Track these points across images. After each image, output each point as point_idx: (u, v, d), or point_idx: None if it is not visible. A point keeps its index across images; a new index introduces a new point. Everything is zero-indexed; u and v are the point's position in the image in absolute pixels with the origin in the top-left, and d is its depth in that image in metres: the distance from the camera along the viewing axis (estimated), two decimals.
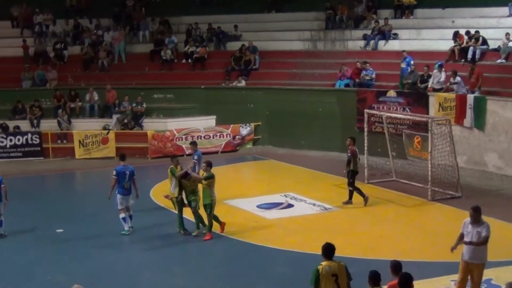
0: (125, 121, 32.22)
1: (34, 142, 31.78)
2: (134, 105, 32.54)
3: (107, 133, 31.50)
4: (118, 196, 19.02)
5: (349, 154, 21.52)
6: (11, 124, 32.49)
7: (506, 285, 10.19)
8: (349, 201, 21.86)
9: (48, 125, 32.62)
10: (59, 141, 32.05)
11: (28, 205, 22.95)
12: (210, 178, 18.44)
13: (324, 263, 10.52)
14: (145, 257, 17.81)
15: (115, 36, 36.34)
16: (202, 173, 18.91)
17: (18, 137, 31.74)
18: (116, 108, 32.75)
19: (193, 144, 22.41)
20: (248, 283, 15.41)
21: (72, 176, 29.06)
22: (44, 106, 33.50)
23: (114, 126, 32.19)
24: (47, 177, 28.94)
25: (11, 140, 31.72)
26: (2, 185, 18.93)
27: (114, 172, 19.22)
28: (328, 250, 10.72)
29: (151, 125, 32.19)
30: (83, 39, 36.68)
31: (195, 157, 21.53)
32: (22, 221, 20.41)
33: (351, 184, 21.68)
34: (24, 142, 31.71)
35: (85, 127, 32.44)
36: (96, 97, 33.39)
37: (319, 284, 10.49)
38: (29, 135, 31.86)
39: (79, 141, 31.43)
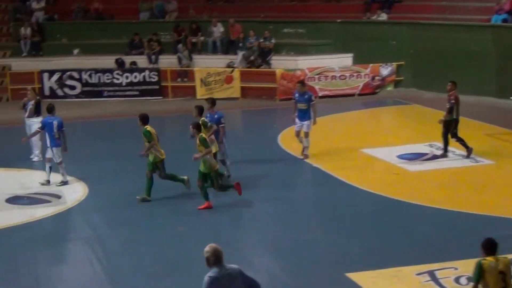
0: (251, 58, 32.58)
1: (152, 79, 32.68)
2: (261, 40, 32.80)
3: (232, 71, 31.98)
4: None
5: (452, 101, 21.00)
6: (128, 59, 33.50)
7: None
8: (469, 149, 21.42)
9: (167, 62, 33.43)
10: (179, 79, 32.83)
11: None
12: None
13: (488, 258, 10.30)
14: (280, 208, 18.01)
15: None
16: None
17: (134, 74, 32.70)
18: (242, 44, 33.12)
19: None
20: (385, 241, 15.46)
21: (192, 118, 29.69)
22: (163, 40, 34.32)
23: (239, 64, 32.60)
24: (166, 119, 29.65)
25: (127, 78, 32.73)
26: (63, 129, 19.58)
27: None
28: (491, 246, 10.45)
29: (280, 63, 32.43)
30: None
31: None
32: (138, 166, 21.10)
33: (454, 135, 21.24)
34: (141, 80, 32.66)
35: (207, 64, 33.06)
36: (220, 30, 33.82)
37: (482, 281, 10.31)
38: (147, 72, 32.76)
39: (201, 80, 32.09)
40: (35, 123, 21.64)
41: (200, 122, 17.93)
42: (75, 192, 19.22)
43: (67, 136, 19.81)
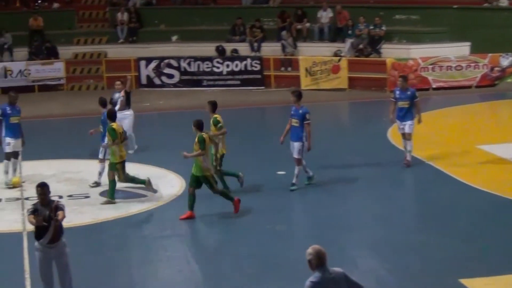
0: (360, 46, 32.43)
1: (254, 68, 32.87)
2: (371, 27, 32.63)
3: (339, 61, 31.90)
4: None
5: None
6: (228, 47, 33.78)
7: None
8: None
9: (270, 49, 33.58)
10: (282, 68, 32.94)
11: (247, 143, 23.87)
12: None
13: None
14: (388, 207, 17.92)
15: None
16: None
17: (236, 62, 32.94)
18: (350, 31, 33.00)
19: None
20: (502, 245, 15.17)
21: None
22: (266, 27, 34.46)
23: (347, 52, 32.50)
24: (268, 110, 29.80)
25: (228, 66, 32.99)
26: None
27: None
28: None
29: (391, 52, 32.20)
30: None
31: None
32: (241, 161, 21.25)
33: None
34: (243, 68, 32.88)
35: (313, 53, 33.07)
36: (329, 15, 33.66)
37: None
38: (249, 60, 32.97)
39: (306, 69, 32.14)
40: (127, 116, 21.99)
41: (211, 121, 18.13)
42: (172, 186, 19.47)
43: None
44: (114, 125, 17.94)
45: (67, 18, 36.12)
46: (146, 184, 18.45)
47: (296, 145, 18.38)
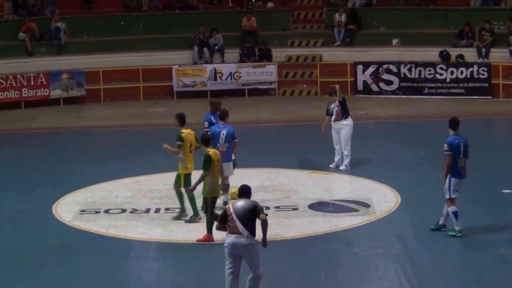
0: None
1: (480, 76, 32.40)
2: None
3: None
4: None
5: None
6: (453, 52, 33.45)
7: None
8: None
9: (499, 55, 32.95)
10: None
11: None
12: None
13: None
14: None
15: None
16: None
17: (461, 69, 32.60)
18: None
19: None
20: None
21: None
22: (496, 30, 33.82)
23: None
24: (493, 123, 29.32)
25: (452, 73, 32.70)
26: (235, 140, 19.01)
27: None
28: None
29: None
30: None
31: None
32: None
33: None
34: (469, 76, 32.52)
35: None
36: None
37: None
38: (475, 67, 32.55)
39: None
40: (344, 126, 22.07)
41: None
42: (386, 201, 19.45)
43: None
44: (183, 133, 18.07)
45: (281, 19, 36.82)
46: (180, 211, 18.44)
47: None
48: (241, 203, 13.73)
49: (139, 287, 15.25)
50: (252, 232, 13.27)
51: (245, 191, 13.79)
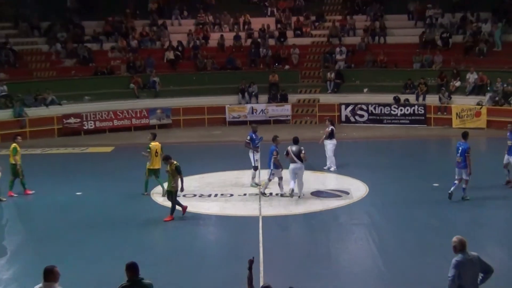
0: (496, 99, 31.33)
1: (419, 112, 32.46)
2: (504, 85, 31.45)
3: (480, 108, 30.97)
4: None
5: None
6: (402, 97, 33.52)
7: None
8: None
9: (431, 99, 32.96)
10: (439, 113, 32.33)
11: (411, 164, 23.70)
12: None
13: None
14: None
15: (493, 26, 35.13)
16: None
17: (407, 107, 32.69)
18: (489, 88, 31.96)
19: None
20: None
21: (449, 142, 28.97)
22: (429, 83, 33.86)
23: (487, 103, 31.48)
24: (427, 142, 29.32)
25: (401, 110, 32.81)
26: (273, 155, 18.71)
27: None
28: None
29: None
30: (465, 30, 36.09)
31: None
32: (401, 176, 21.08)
33: None
34: (412, 112, 32.55)
35: (461, 102, 32.20)
36: (475, 77, 32.53)
37: None
38: (416, 106, 32.62)
39: (456, 114, 31.41)
40: (329, 143, 22.30)
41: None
42: (360, 191, 19.59)
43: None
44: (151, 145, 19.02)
45: (294, 76, 36.71)
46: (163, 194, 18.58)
47: None
48: (294, 147, 18.11)
49: (202, 242, 15.47)
50: (300, 161, 17.72)
51: (296, 140, 18.36)
